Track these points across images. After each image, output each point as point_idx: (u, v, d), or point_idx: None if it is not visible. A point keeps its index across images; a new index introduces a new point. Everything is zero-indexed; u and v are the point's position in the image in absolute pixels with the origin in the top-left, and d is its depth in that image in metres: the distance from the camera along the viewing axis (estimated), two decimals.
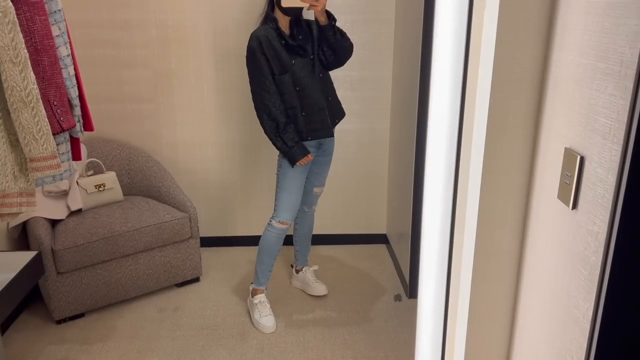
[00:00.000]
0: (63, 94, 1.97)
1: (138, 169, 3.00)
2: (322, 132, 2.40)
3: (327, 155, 2.55)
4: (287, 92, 2.30)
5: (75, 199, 2.69)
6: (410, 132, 2.63)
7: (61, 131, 1.97)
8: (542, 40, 1.21)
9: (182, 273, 2.82)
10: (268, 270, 2.56)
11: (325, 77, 2.41)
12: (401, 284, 2.90)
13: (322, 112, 2.37)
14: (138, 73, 3.02)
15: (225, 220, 3.33)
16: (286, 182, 2.41)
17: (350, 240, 3.39)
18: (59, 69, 1.93)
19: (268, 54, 2.25)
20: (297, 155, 2.31)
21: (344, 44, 2.33)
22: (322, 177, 2.62)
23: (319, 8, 2.18)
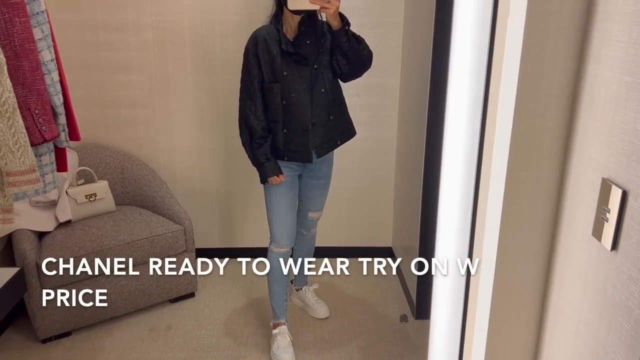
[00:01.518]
0: (45, 101, 1.82)
1: (132, 177, 2.86)
2: (300, 156, 2.13)
3: (320, 178, 2.31)
4: (272, 103, 2.08)
5: (64, 209, 2.55)
6: (419, 142, 2.47)
7: (43, 142, 1.82)
8: (574, 52, 1.05)
9: (176, 288, 2.68)
10: (283, 300, 2.37)
11: (332, 92, 2.11)
12: (407, 302, 2.75)
13: (305, 134, 2.09)
14: (133, 77, 2.88)
15: (223, 231, 3.18)
16: (272, 205, 2.23)
17: (354, 253, 3.23)
18: (41, 74, 1.79)
19: (262, 58, 2.04)
20: (267, 173, 2.12)
21: (361, 52, 2.02)
22: (317, 202, 2.39)
23: (332, 11, 1.87)
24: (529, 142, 1.12)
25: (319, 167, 2.26)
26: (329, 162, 2.31)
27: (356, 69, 2.08)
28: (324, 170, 2.30)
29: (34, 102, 1.73)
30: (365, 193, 3.14)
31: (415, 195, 2.57)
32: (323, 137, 2.14)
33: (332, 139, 2.18)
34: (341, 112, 2.20)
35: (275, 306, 2.35)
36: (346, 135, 2.24)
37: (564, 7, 1.02)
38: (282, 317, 2.37)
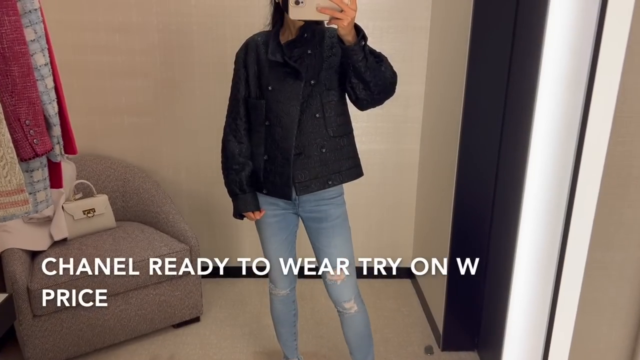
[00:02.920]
0: (38, 111, 1.61)
1: (134, 191, 2.65)
2: (280, 190, 1.71)
3: (321, 221, 1.77)
4: (256, 123, 1.72)
5: (60, 226, 2.34)
6: (450, 157, 2.26)
7: (35, 156, 1.61)
8: None
9: (179, 313, 2.46)
10: (291, 341, 2.09)
11: (330, 119, 1.67)
12: (432, 331, 2.52)
13: (286, 165, 1.67)
14: (137, 82, 2.68)
15: (231, 249, 2.97)
16: (264, 246, 1.90)
17: (371, 273, 3.02)
18: (32, 80, 1.59)
19: (251, 68, 1.70)
20: (239, 207, 1.78)
21: (382, 73, 1.54)
22: (331, 256, 1.79)
23: (345, 22, 1.40)
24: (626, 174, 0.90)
25: (315, 206, 1.77)
26: (333, 202, 1.77)
27: (376, 95, 1.60)
28: (324, 211, 1.77)
29: (24, 112, 1.53)
30: (384, 209, 2.93)
31: (444, 213, 2.35)
32: (310, 172, 1.69)
33: (322, 177, 1.70)
34: (341, 146, 1.71)
35: (284, 346, 2.12)
36: (345, 176, 1.74)
37: None
38: (293, 357, 2.14)
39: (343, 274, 1.81)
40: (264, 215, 1.82)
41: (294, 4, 1.44)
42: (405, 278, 3.04)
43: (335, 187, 1.75)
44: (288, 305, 2.02)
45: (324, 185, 1.71)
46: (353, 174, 1.76)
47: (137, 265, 2.26)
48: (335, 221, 1.78)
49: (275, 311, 2.03)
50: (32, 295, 2.06)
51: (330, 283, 1.84)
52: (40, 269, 2.16)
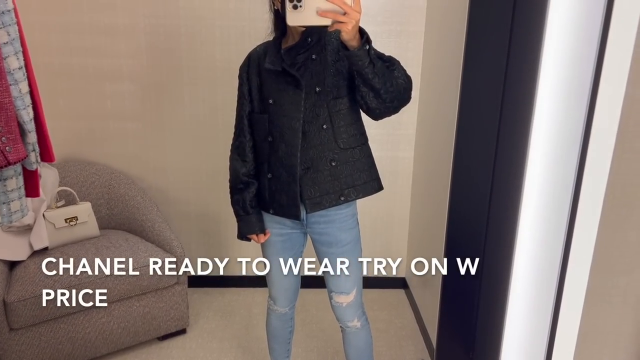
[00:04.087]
0: (10, 117, 1.54)
1: (119, 198, 2.57)
2: (287, 210, 1.60)
3: (331, 245, 1.66)
4: (259, 139, 1.62)
5: (40, 235, 2.26)
6: (444, 165, 2.19)
7: (7, 165, 1.53)
8: None
9: (165, 325, 2.38)
10: (284, 357, 2.00)
11: (340, 130, 1.56)
12: (425, 344, 2.45)
13: (292, 183, 1.56)
14: (123, 86, 2.60)
15: (219, 257, 2.89)
16: (267, 264, 1.79)
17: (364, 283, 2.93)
18: (5, 85, 1.51)
19: (253, 82, 1.61)
20: (243, 229, 1.69)
21: (395, 80, 1.43)
22: (337, 280, 1.70)
23: (349, 26, 1.30)
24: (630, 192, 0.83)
25: (325, 229, 1.65)
26: (341, 224, 1.65)
27: (389, 103, 1.47)
28: (334, 234, 1.65)
29: None
30: (377, 217, 2.86)
31: (438, 222, 2.28)
32: (320, 188, 1.57)
33: (334, 192, 1.58)
34: (354, 158, 1.59)
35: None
36: (360, 191, 1.61)
37: None
38: None
39: (350, 297, 1.74)
40: (270, 234, 1.73)
41: (292, 8, 1.34)
42: (399, 288, 2.96)
43: (348, 205, 1.65)
44: (286, 322, 1.93)
45: (337, 201, 1.59)
46: (369, 188, 1.63)
47: (120, 276, 2.17)
48: (345, 247, 1.67)
49: (271, 327, 1.94)
50: (8, 308, 1.98)
51: (336, 305, 1.77)
52: (18, 279, 2.07)
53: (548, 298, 0.96)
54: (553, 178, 0.90)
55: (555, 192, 0.89)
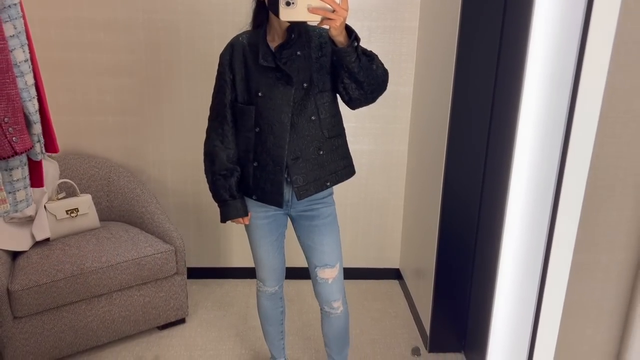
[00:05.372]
0: (17, 108, 1.58)
1: (119, 190, 2.61)
2: (270, 198, 1.69)
3: (314, 219, 1.77)
4: (244, 129, 1.68)
5: (42, 226, 2.30)
6: (437, 158, 2.25)
7: (14, 154, 1.58)
8: None
9: (164, 314, 2.43)
10: (278, 339, 2.07)
11: (326, 121, 1.67)
12: (419, 332, 2.51)
13: (278, 172, 1.66)
14: (122, 81, 2.64)
15: (218, 249, 2.94)
16: (253, 247, 1.87)
17: (359, 274, 3.00)
18: (11, 77, 1.55)
19: (237, 72, 1.65)
20: (229, 213, 1.73)
21: (374, 72, 1.55)
22: (321, 253, 1.79)
23: (337, 22, 1.39)
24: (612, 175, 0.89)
25: (309, 206, 1.77)
26: (325, 201, 1.78)
27: (369, 94, 1.60)
28: (316, 209, 1.77)
29: (3, 108, 1.50)
30: (372, 210, 2.91)
31: (432, 214, 2.34)
32: (308, 176, 1.68)
33: (320, 178, 1.71)
34: (337, 146, 1.73)
35: (270, 346, 2.09)
36: (340, 176, 1.76)
37: None
38: (280, 357, 2.11)
39: (335, 272, 1.81)
40: (255, 218, 1.80)
41: (285, 5, 1.42)
42: (393, 279, 3.03)
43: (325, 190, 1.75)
44: (275, 302, 2.00)
45: (322, 187, 1.71)
46: (348, 173, 1.78)
47: (121, 266, 2.22)
48: (327, 219, 1.78)
49: (262, 308, 2.01)
50: (12, 297, 2.02)
51: (321, 282, 1.82)
52: (21, 269, 2.12)
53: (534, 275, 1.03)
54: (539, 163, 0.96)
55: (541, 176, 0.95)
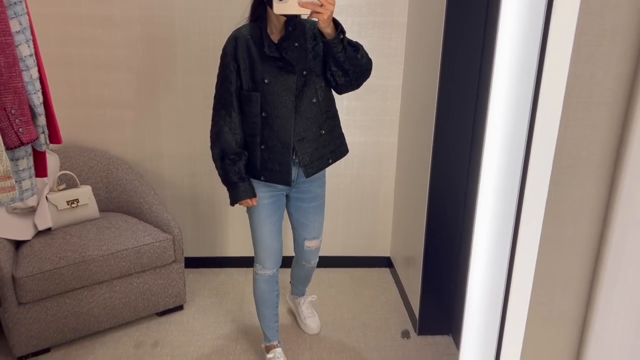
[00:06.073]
0: (23, 100, 1.66)
1: (117, 182, 2.68)
2: (279, 177, 1.87)
3: (310, 200, 2.02)
4: (250, 114, 1.83)
5: (44, 216, 2.37)
6: (425, 149, 2.34)
7: (20, 145, 1.66)
8: (632, 53, 0.93)
9: (163, 301, 2.51)
10: (273, 322, 2.18)
11: (324, 102, 1.87)
12: (409, 317, 2.61)
13: (285, 152, 1.83)
14: (119, 75, 2.71)
15: (214, 239, 3.02)
16: (255, 228, 2.01)
17: (351, 263, 3.10)
18: (18, 71, 1.63)
19: (241, 62, 1.79)
20: (239, 195, 1.87)
21: (359, 61, 1.75)
22: (312, 229, 2.10)
23: (325, 16, 1.59)
24: (575, 155, 0.99)
25: (308, 187, 2.00)
26: (320, 181, 2.04)
27: (354, 81, 1.82)
28: (315, 191, 2.02)
29: (10, 101, 1.57)
30: (363, 200, 3.01)
31: (420, 203, 2.44)
32: (313, 154, 1.89)
33: (324, 156, 1.92)
34: (334, 126, 1.95)
35: (265, 329, 2.19)
36: (338, 154, 1.98)
37: (623, 1, 0.89)
38: (274, 339, 2.20)
39: (319, 241, 2.17)
40: (261, 198, 1.95)
41: (278, 0, 1.61)
42: (384, 267, 3.12)
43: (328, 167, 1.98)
44: (272, 286, 2.11)
45: (325, 165, 1.94)
46: (344, 151, 2.01)
47: (121, 254, 2.30)
48: (320, 200, 2.07)
49: (259, 291, 2.11)
50: (17, 284, 2.10)
51: (307, 249, 2.16)
52: (25, 257, 2.19)
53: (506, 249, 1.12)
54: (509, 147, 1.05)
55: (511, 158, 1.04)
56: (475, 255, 1.16)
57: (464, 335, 1.21)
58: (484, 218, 1.12)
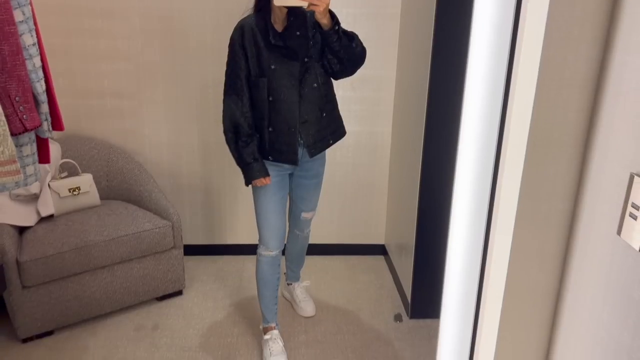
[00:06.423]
0: (27, 88, 1.72)
1: (117, 171, 2.75)
2: (286, 157, 2.00)
3: (312, 178, 2.18)
4: (258, 99, 1.95)
5: (47, 203, 2.44)
6: (417, 138, 2.41)
7: (24, 131, 1.72)
8: (600, 38, 0.99)
9: (163, 286, 2.58)
10: (272, 304, 2.26)
11: (324, 87, 2.01)
12: (402, 301, 2.68)
13: (292, 134, 1.97)
14: (119, 66, 2.77)
15: (212, 227, 3.09)
16: (261, 207, 2.10)
17: (346, 250, 3.17)
18: (22, 59, 1.69)
19: (248, 50, 1.91)
20: (253, 174, 1.98)
21: (354, 49, 1.90)
22: (310, 202, 2.28)
23: (321, 8, 1.74)
24: (548, 135, 1.05)
25: (311, 165, 2.15)
26: (322, 160, 2.20)
27: (348, 67, 1.96)
28: (316, 169, 2.19)
29: (14, 88, 1.63)
30: (358, 189, 3.07)
31: (412, 192, 2.50)
32: (316, 135, 2.03)
33: (325, 137, 2.07)
34: (333, 108, 2.09)
35: (265, 310, 2.26)
36: (337, 135, 2.13)
37: None
38: (272, 321, 2.27)
39: (314, 213, 2.34)
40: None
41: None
42: (379, 255, 3.19)
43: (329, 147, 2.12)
44: (274, 267, 2.19)
45: (327, 145, 2.09)
46: (342, 132, 2.16)
47: (121, 240, 2.37)
48: (320, 177, 2.23)
49: (262, 273, 2.19)
50: (21, 268, 2.17)
51: (303, 219, 2.33)
52: (28, 242, 2.26)
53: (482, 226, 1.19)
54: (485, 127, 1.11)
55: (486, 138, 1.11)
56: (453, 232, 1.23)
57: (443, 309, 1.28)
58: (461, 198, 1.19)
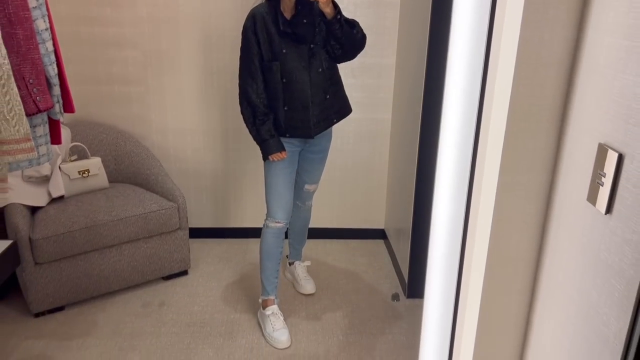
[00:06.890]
0: (40, 71, 1.80)
1: (125, 154, 2.84)
2: (301, 132, 2.18)
3: (318, 152, 2.36)
4: (272, 81, 2.12)
5: (57, 185, 2.54)
6: (414, 124, 2.48)
7: (37, 112, 1.81)
8: (575, 19, 1.06)
9: (169, 266, 2.68)
10: (274, 277, 2.36)
11: (328, 71, 2.17)
12: (399, 282, 2.77)
13: (306, 111, 2.14)
14: (126, 53, 2.86)
15: (216, 211, 3.18)
16: (271, 180, 2.25)
17: (347, 234, 3.25)
18: (35, 43, 1.77)
19: (260, 36, 2.07)
20: (271, 149, 2.15)
21: (354, 37, 2.07)
22: (314, 175, 2.44)
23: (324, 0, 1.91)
24: (527, 110, 1.13)
25: (319, 141, 2.31)
26: (328, 136, 2.36)
27: (348, 53, 2.13)
28: (323, 145, 2.36)
29: (28, 71, 1.72)
30: (359, 175, 3.15)
31: (409, 177, 2.58)
32: (319, 116, 2.19)
33: (329, 117, 2.23)
34: (337, 90, 2.24)
35: (266, 282, 2.36)
36: (342, 113, 2.29)
37: None
38: (272, 294, 2.37)
39: (317, 185, 2.50)
40: None
41: None
42: (379, 239, 3.27)
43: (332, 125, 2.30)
44: (279, 241, 2.31)
45: (330, 124, 2.26)
46: (348, 111, 2.33)
47: (129, 220, 2.46)
48: (326, 152, 2.40)
49: (266, 245, 2.31)
50: (33, 245, 2.27)
51: (306, 192, 2.49)
52: (40, 221, 2.36)
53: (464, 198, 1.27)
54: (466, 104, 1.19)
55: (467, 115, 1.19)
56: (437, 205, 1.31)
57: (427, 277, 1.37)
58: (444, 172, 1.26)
